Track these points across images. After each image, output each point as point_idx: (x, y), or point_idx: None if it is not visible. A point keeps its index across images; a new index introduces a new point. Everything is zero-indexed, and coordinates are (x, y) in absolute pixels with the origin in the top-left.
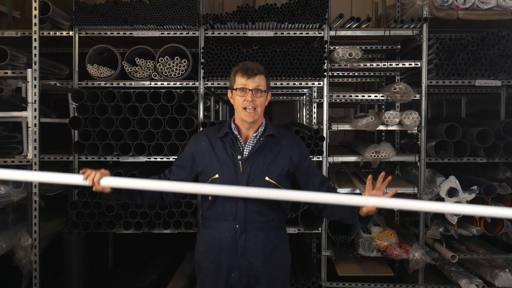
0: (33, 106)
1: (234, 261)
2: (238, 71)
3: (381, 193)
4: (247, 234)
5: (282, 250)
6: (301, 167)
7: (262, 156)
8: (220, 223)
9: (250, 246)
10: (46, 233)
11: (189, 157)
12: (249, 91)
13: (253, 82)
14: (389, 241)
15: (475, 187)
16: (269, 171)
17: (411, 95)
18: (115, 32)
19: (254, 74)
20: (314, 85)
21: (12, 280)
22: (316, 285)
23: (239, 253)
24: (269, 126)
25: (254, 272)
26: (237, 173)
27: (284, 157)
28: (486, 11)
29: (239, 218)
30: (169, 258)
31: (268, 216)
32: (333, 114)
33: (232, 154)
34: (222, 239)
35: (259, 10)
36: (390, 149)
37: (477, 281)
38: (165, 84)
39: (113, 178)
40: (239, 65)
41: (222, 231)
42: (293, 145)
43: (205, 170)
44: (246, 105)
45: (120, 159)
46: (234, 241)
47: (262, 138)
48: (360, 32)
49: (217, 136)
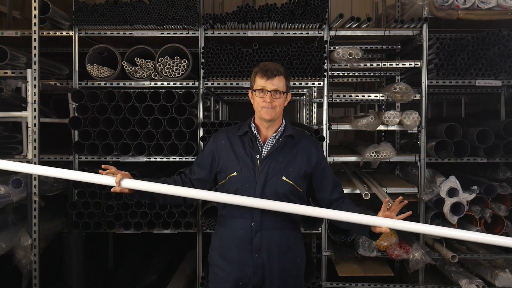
0: (33, 106)
1: (249, 259)
2: (258, 72)
3: (394, 214)
4: (262, 232)
5: (297, 250)
6: (318, 169)
7: (280, 156)
8: (236, 221)
9: (265, 244)
10: (46, 233)
11: (209, 156)
12: (268, 92)
13: (272, 83)
14: (389, 241)
15: (475, 187)
16: (286, 171)
17: (411, 95)
18: (115, 32)
19: (274, 75)
20: (314, 85)
21: (12, 280)
22: (316, 285)
23: (254, 251)
24: (288, 126)
25: (268, 270)
26: (255, 172)
27: (302, 158)
28: (487, 11)
29: (255, 216)
30: (169, 258)
31: (283, 216)
32: (333, 114)
33: (251, 153)
34: (237, 237)
35: (259, 10)
36: (390, 149)
37: (477, 281)
38: (165, 84)
39: (133, 181)
40: (260, 65)
41: (238, 229)
42: (311, 147)
43: (224, 168)
44: (265, 106)
45: (120, 159)
46: (249, 239)
47: (281, 138)
48: (360, 32)
49: (236, 134)
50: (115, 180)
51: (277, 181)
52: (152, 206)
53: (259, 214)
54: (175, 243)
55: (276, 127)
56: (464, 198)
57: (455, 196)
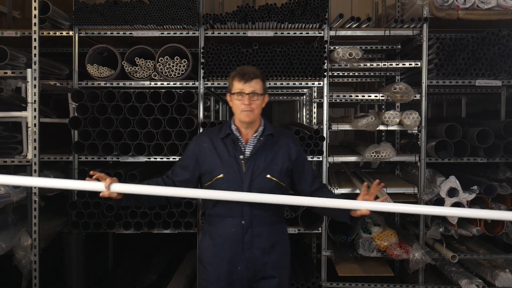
0: (33, 106)
1: (240, 255)
2: (235, 76)
3: (373, 198)
4: (252, 229)
5: (285, 241)
6: (298, 163)
7: (263, 155)
8: (226, 220)
9: (256, 240)
10: (46, 233)
11: (192, 158)
12: (246, 95)
13: (249, 86)
14: (389, 241)
15: (475, 187)
16: (270, 169)
17: (411, 95)
18: (115, 32)
19: (250, 78)
20: (314, 85)
21: (12, 280)
22: (316, 285)
23: (246, 247)
24: (267, 125)
25: (260, 264)
26: (240, 173)
27: (283, 154)
28: (487, 11)
29: (245, 215)
30: (169, 258)
31: (271, 211)
32: (333, 114)
33: (234, 154)
34: (229, 235)
35: (259, 10)
36: (390, 149)
37: (477, 281)
38: (165, 84)
39: (122, 185)
40: (237, 70)
41: (228, 228)
42: (290, 143)
43: (208, 170)
44: (244, 108)
45: (120, 159)
46: (240, 237)
47: (262, 137)
48: (360, 32)
49: (218, 137)
50: (104, 185)
51: (262, 179)
52: (152, 206)
53: (249, 212)
54: (175, 243)
55: (255, 127)
56: (464, 198)
57: (455, 196)
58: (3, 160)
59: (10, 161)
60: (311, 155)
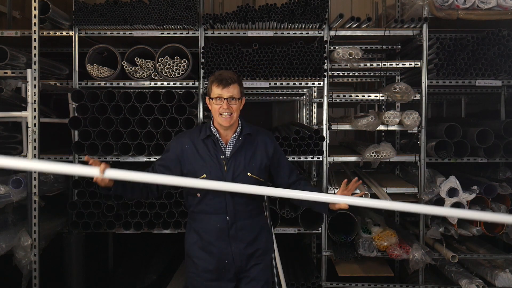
0: (33, 106)
1: (227, 249)
2: (213, 81)
3: (350, 193)
4: (236, 223)
5: (266, 231)
6: (275, 158)
7: (242, 154)
8: (211, 217)
9: (240, 234)
10: (46, 233)
11: (173, 158)
12: (224, 100)
13: (227, 91)
14: (389, 241)
15: (475, 187)
16: (250, 167)
17: (411, 95)
18: (115, 32)
19: (228, 84)
20: (314, 85)
21: (12, 280)
22: (316, 285)
23: (231, 241)
24: (245, 125)
25: (245, 255)
26: (222, 172)
27: (261, 152)
28: (487, 11)
29: (229, 211)
30: (169, 258)
31: (252, 205)
32: (333, 114)
33: (215, 155)
34: (214, 230)
35: (259, 10)
36: (390, 149)
37: (477, 281)
38: (165, 84)
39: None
40: (215, 75)
41: (213, 223)
42: (267, 140)
43: (191, 171)
44: (222, 112)
45: (120, 159)
46: (226, 231)
47: (241, 137)
48: (360, 32)
49: (199, 138)
50: (99, 169)
51: (243, 177)
52: (152, 206)
53: (232, 208)
54: (175, 243)
55: (234, 128)
56: (464, 198)
57: (455, 196)
58: None
59: None
60: (311, 155)
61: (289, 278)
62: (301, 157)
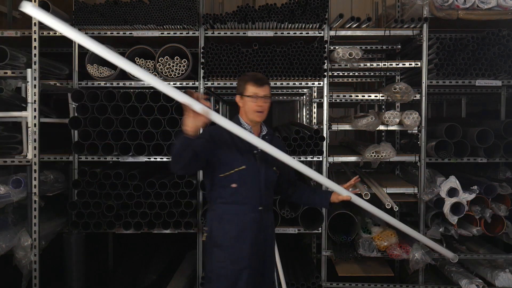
0: (33, 106)
1: (259, 236)
2: (249, 81)
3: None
4: (265, 213)
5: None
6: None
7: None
8: (244, 206)
9: (266, 223)
10: (46, 233)
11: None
12: (260, 98)
13: (263, 90)
14: (389, 241)
15: (475, 187)
16: (274, 162)
17: (411, 95)
18: (115, 32)
19: (264, 83)
20: (314, 85)
21: (12, 280)
22: (316, 285)
23: (262, 230)
24: (265, 125)
25: (267, 244)
26: (256, 165)
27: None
28: (486, 11)
29: (263, 201)
30: (169, 258)
31: (271, 199)
32: (333, 114)
33: (250, 148)
34: (249, 220)
35: (259, 10)
36: (390, 149)
37: (477, 281)
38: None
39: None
40: (249, 75)
41: (248, 213)
42: (278, 140)
43: (227, 160)
44: (258, 109)
45: (120, 159)
46: (259, 220)
47: (267, 136)
48: (360, 32)
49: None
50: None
51: (270, 171)
52: (152, 206)
53: (264, 199)
54: (175, 243)
55: (259, 125)
56: (464, 198)
57: (455, 196)
58: (3, 160)
59: (10, 161)
60: (311, 155)
61: (289, 278)
62: (301, 157)
